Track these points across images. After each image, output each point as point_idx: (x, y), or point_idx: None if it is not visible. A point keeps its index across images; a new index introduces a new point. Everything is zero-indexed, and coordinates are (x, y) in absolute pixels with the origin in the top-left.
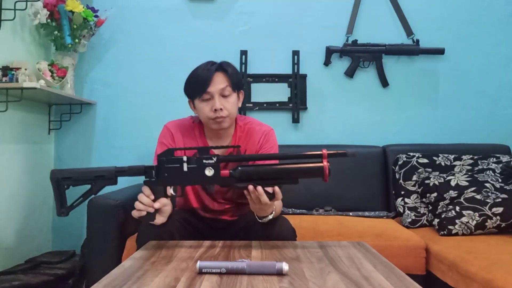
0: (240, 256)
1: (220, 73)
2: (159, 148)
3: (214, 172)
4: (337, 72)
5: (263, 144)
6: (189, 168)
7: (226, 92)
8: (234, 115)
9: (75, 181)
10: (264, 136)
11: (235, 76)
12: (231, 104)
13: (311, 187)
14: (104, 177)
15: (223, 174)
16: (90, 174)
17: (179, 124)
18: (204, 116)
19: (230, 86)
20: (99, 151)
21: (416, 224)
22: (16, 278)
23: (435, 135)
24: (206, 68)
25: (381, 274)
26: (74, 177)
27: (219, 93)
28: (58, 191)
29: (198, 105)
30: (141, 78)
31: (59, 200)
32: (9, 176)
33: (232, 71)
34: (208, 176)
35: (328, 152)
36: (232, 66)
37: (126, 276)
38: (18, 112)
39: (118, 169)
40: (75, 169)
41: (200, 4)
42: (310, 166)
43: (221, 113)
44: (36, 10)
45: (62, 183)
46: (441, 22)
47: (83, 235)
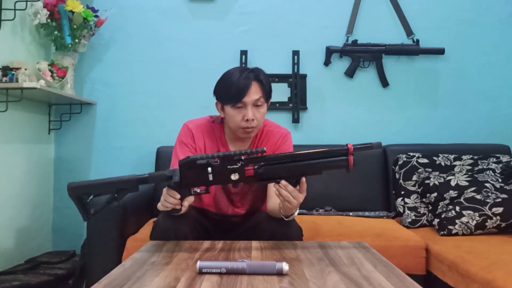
0: (240, 256)
1: (256, 83)
2: (179, 148)
3: (239, 175)
4: (337, 72)
5: (281, 145)
6: (214, 175)
7: (259, 103)
8: (261, 126)
9: (96, 194)
10: (282, 138)
11: (268, 86)
12: (261, 114)
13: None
14: (127, 189)
15: (248, 174)
16: (112, 187)
17: (199, 124)
18: (234, 124)
19: (264, 97)
20: (99, 151)
21: (416, 224)
22: (16, 278)
23: (435, 135)
24: (243, 76)
25: (381, 274)
26: (94, 191)
27: (252, 104)
28: (80, 203)
29: (230, 112)
30: (141, 78)
31: (83, 210)
32: (9, 176)
33: (266, 81)
34: (233, 180)
35: (354, 147)
36: (265, 75)
37: (126, 276)
38: (18, 112)
39: (140, 178)
40: (94, 181)
41: (200, 4)
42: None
43: (252, 123)
44: (36, 10)
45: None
46: (441, 22)
47: (83, 235)
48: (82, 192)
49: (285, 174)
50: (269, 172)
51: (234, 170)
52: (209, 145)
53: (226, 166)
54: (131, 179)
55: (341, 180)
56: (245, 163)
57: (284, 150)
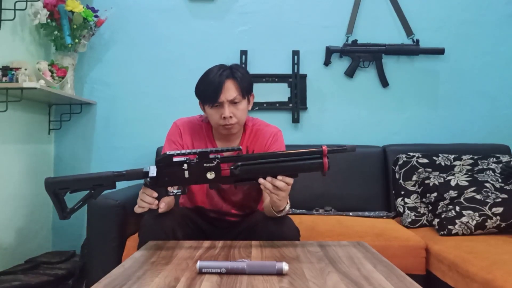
0: (240, 256)
1: (230, 80)
2: (167, 145)
3: (216, 174)
4: (337, 72)
5: (271, 145)
6: (190, 173)
7: (236, 100)
8: (243, 121)
9: (72, 190)
10: (272, 137)
11: (245, 81)
12: (240, 111)
13: (311, 187)
14: (103, 185)
15: (224, 173)
16: (88, 183)
17: (188, 122)
18: (214, 122)
19: (240, 93)
20: (99, 151)
21: (416, 224)
22: (16, 278)
23: (435, 135)
24: (217, 74)
25: (381, 274)
26: (71, 187)
27: (229, 102)
28: (56, 199)
29: (209, 111)
30: (141, 78)
31: (59, 207)
32: (9, 176)
33: (242, 77)
34: (209, 179)
35: (328, 149)
36: (243, 71)
37: (126, 276)
38: (18, 112)
39: (116, 174)
40: (70, 177)
41: (200, 4)
42: (309, 162)
43: (230, 120)
44: (36, 10)
45: (59, 192)
46: (441, 22)
47: (83, 235)
48: (58, 187)
49: (261, 175)
50: (244, 173)
51: (210, 168)
52: (197, 143)
53: (202, 164)
54: (108, 176)
55: (341, 180)
56: (221, 162)
57: (274, 149)
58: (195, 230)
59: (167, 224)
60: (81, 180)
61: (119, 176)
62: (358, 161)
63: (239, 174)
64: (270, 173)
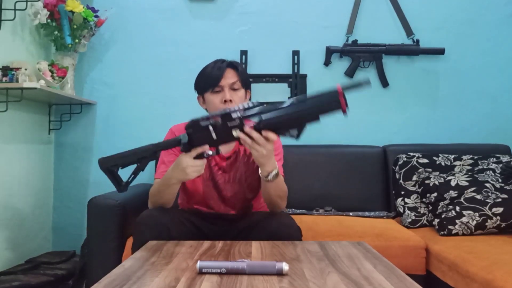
0: (240, 256)
1: (231, 69)
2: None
3: (240, 131)
4: (337, 72)
5: None
6: (217, 134)
7: (236, 86)
8: None
9: (122, 166)
10: None
11: (244, 74)
12: (239, 97)
13: (311, 187)
14: (146, 157)
15: (249, 126)
16: (133, 158)
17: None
18: (214, 108)
19: (240, 81)
20: (99, 151)
21: (416, 224)
22: (16, 278)
23: (435, 135)
24: (217, 64)
25: (381, 274)
26: (119, 163)
27: (229, 86)
28: (111, 175)
29: (209, 98)
30: (141, 78)
31: (115, 181)
32: (9, 176)
33: (242, 69)
34: (233, 136)
35: (343, 87)
36: (241, 65)
37: (126, 276)
38: (18, 112)
39: (155, 145)
40: (117, 154)
41: (200, 4)
42: (327, 101)
43: (230, 104)
44: (36, 10)
45: (112, 169)
46: (441, 22)
47: (83, 235)
48: (110, 164)
49: (287, 124)
50: (270, 125)
51: (235, 126)
52: None
53: (226, 124)
54: (149, 148)
55: (341, 180)
56: (243, 118)
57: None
58: (192, 229)
59: (162, 223)
60: (126, 156)
61: (158, 146)
62: (358, 161)
63: (263, 127)
64: (294, 122)
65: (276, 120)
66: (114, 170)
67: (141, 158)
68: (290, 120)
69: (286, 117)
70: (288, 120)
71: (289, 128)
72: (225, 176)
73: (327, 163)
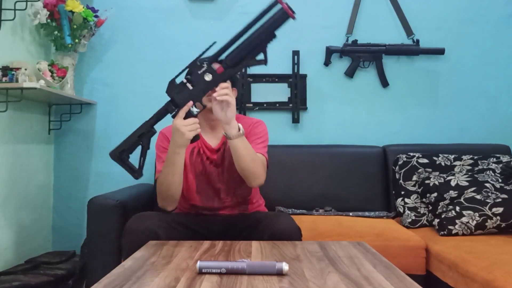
0: (240, 256)
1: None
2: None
3: (212, 74)
4: (337, 72)
5: (252, 129)
6: (192, 85)
7: None
8: None
9: (128, 149)
10: (253, 124)
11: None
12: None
13: (311, 187)
14: (144, 133)
15: (219, 71)
16: (134, 136)
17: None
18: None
19: None
20: (99, 151)
21: (416, 224)
22: (16, 278)
23: (435, 135)
24: None
25: (381, 274)
26: (126, 147)
27: None
28: (124, 164)
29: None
30: (141, 78)
31: (129, 169)
32: (9, 176)
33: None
34: (209, 81)
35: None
36: None
37: (126, 276)
38: (18, 112)
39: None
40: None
41: (200, 4)
42: (273, 16)
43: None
44: (36, 10)
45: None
46: (441, 22)
47: (83, 235)
48: (118, 152)
49: (249, 52)
50: (235, 58)
51: (205, 71)
52: None
53: (197, 72)
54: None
55: (341, 180)
56: (209, 62)
57: (257, 134)
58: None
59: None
60: (127, 139)
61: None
62: (358, 161)
63: (229, 63)
64: (254, 47)
65: (238, 53)
66: (124, 158)
67: (140, 135)
68: (250, 47)
69: (245, 46)
70: (248, 48)
71: (253, 56)
72: (218, 169)
73: (327, 163)
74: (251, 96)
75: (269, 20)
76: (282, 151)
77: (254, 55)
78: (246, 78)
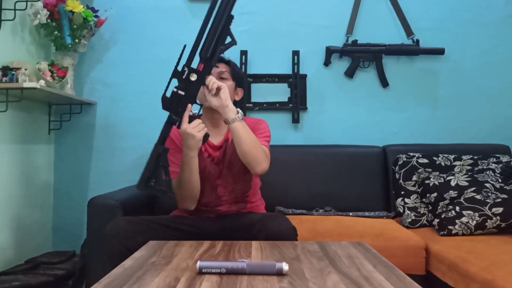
0: (240, 256)
1: (222, 63)
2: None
3: (196, 74)
4: (337, 72)
5: (255, 126)
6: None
7: (224, 76)
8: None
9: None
10: (256, 122)
11: (236, 69)
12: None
13: (311, 187)
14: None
15: (200, 68)
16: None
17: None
18: (203, 96)
19: (229, 73)
20: (99, 151)
21: (416, 224)
22: (16, 278)
23: (435, 135)
24: None
25: (381, 274)
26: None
27: (217, 75)
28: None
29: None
30: (141, 78)
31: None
32: (9, 176)
33: (234, 64)
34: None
35: None
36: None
37: (126, 276)
38: (18, 112)
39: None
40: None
41: (200, 4)
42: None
43: None
44: (36, 10)
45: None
46: (441, 22)
47: (83, 235)
48: (144, 181)
49: (217, 39)
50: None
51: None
52: None
53: (182, 78)
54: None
55: (341, 180)
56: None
57: (259, 129)
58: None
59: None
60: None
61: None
62: (358, 161)
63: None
64: (220, 34)
65: (208, 44)
66: (151, 185)
67: (157, 157)
68: (216, 36)
69: (212, 36)
70: (215, 35)
71: (223, 41)
72: (218, 166)
73: (327, 163)
74: (251, 96)
75: (222, 5)
76: (282, 151)
77: (223, 41)
78: (246, 78)
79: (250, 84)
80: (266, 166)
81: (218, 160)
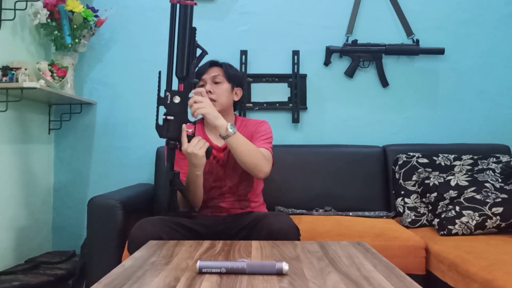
0: (240, 256)
1: (214, 67)
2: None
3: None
4: (337, 72)
5: (257, 128)
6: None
7: (218, 80)
8: (224, 102)
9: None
10: (258, 124)
11: (230, 69)
12: (221, 90)
13: (311, 187)
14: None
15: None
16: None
17: None
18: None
19: (223, 75)
20: (99, 151)
21: (416, 224)
22: (16, 278)
23: (435, 135)
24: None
25: (381, 274)
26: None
27: (211, 80)
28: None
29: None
30: (141, 78)
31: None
32: (9, 176)
33: (227, 65)
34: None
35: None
36: (229, 64)
37: (126, 276)
38: (18, 112)
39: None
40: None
41: (200, 4)
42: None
43: (210, 96)
44: (36, 10)
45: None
46: (441, 22)
47: (83, 235)
48: (167, 209)
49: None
50: (182, 69)
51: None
52: None
53: (166, 103)
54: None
55: (341, 180)
56: (167, 89)
57: (261, 131)
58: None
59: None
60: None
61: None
62: (358, 161)
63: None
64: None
65: (181, 62)
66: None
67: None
68: (186, 51)
69: (181, 53)
70: (184, 52)
71: (194, 55)
72: (224, 167)
73: (327, 163)
74: (251, 96)
75: (181, 20)
76: (282, 151)
77: (194, 55)
78: (246, 78)
79: (250, 84)
80: (268, 169)
81: (223, 162)
